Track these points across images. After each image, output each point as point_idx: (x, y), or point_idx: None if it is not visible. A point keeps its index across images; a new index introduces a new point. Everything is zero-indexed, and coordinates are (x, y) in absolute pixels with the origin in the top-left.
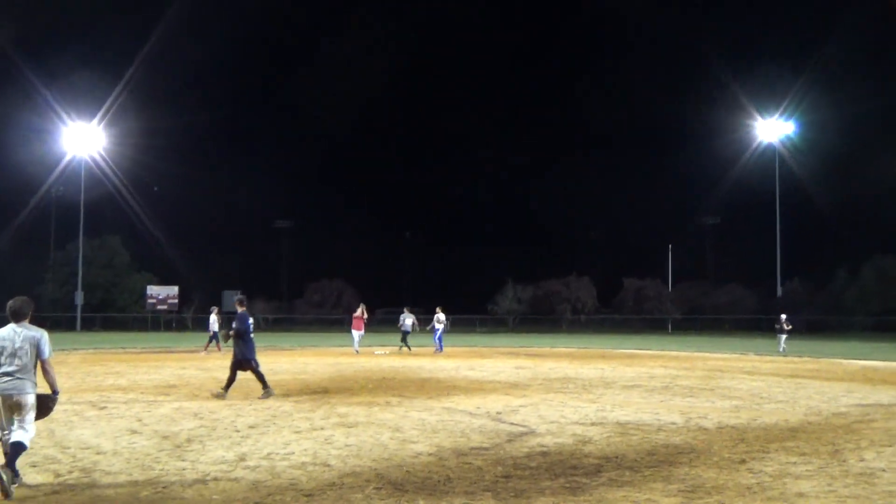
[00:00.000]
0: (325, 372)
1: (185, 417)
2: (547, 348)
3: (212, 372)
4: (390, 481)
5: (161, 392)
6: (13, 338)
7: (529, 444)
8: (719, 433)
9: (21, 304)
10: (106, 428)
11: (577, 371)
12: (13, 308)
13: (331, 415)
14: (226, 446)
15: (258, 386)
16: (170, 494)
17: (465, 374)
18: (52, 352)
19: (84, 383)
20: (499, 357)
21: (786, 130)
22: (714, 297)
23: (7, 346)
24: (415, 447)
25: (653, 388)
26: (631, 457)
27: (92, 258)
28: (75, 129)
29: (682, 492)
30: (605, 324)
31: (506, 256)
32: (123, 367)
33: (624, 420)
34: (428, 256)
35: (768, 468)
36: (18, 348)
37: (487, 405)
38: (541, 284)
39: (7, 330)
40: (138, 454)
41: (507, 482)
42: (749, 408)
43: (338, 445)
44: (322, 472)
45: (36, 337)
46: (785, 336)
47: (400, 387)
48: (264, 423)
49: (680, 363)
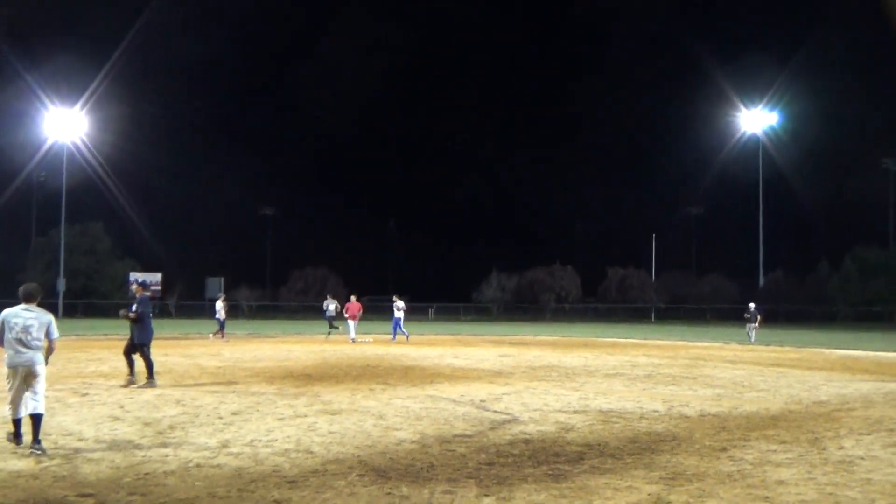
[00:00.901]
0: (309, 359)
1: (167, 404)
2: (531, 336)
3: (196, 359)
4: (373, 468)
5: (144, 378)
6: (25, 316)
7: (512, 431)
8: (701, 421)
9: (33, 288)
10: (88, 415)
11: (560, 359)
12: (27, 291)
13: (314, 402)
14: (209, 433)
15: (243, 374)
16: (152, 481)
17: (450, 361)
18: (59, 335)
19: (66, 370)
20: (483, 345)
21: (770, 121)
22: (697, 286)
23: (20, 322)
24: (398, 434)
25: (635, 377)
26: (613, 444)
27: (74, 245)
28: (57, 115)
29: (664, 479)
30: (589, 313)
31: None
32: (106, 354)
33: (606, 408)
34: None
35: (749, 456)
36: (30, 326)
37: (471, 393)
38: (525, 273)
39: (18, 309)
40: (120, 441)
41: (489, 469)
42: (730, 396)
43: (321, 432)
44: (305, 459)
45: (46, 319)
46: (754, 325)
47: (384, 374)
48: (247, 410)
49: (663, 352)
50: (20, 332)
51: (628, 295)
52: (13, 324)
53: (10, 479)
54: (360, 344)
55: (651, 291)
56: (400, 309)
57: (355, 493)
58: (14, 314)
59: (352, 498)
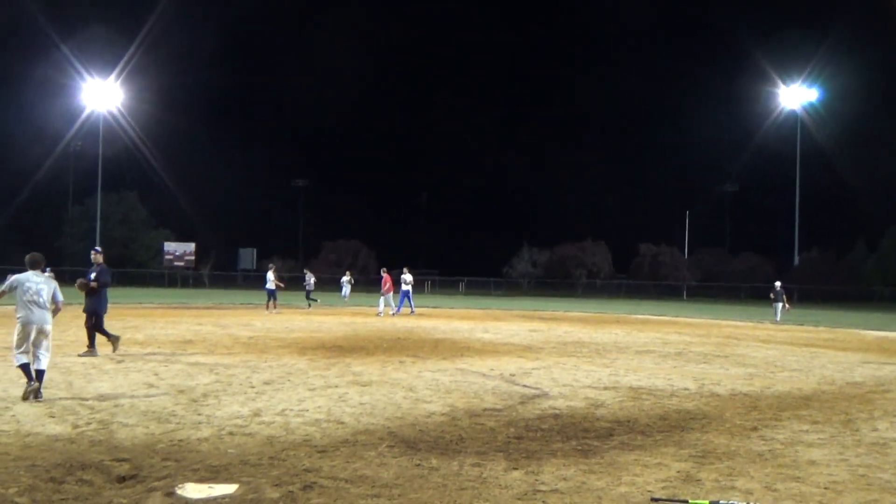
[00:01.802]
0: (340, 331)
1: (201, 372)
2: (561, 312)
3: (228, 329)
4: (403, 440)
5: (178, 347)
6: (36, 280)
7: (542, 406)
8: (732, 400)
9: (39, 257)
10: (123, 381)
11: (590, 335)
12: (33, 259)
13: (345, 373)
14: (241, 401)
15: (274, 344)
16: (186, 447)
17: (479, 336)
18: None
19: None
20: (513, 320)
21: (808, 97)
22: (730, 264)
23: (33, 286)
24: (428, 407)
25: (666, 354)
26: (643, 421)
27: (109, 214)
28: (93, 85)
29: (693, 457)
30: (620, 289)
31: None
32: (141, 322)
33: (636, 385)
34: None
35: (780, 436)
36: (41, 290)
37: (501, 367)
38: (556, 249)
39: (29, 274)
40: (155, 407)
41: (518, 443)
42: (763, 376)
43: (352, 403)
44: (336, 429)
45: (52, 285)
46: (781, 305)
47: (414, 347)
48: (279, 379)
49: (694, 330)
50: (34, 294)
51: (660, 272)
52: (27, 287)
53: (47, 443)
54: (389, 317)
55: (683, 269)
56: (408, 283)
57: (385, 464)
58: (27, 279)
59: (381, 468)
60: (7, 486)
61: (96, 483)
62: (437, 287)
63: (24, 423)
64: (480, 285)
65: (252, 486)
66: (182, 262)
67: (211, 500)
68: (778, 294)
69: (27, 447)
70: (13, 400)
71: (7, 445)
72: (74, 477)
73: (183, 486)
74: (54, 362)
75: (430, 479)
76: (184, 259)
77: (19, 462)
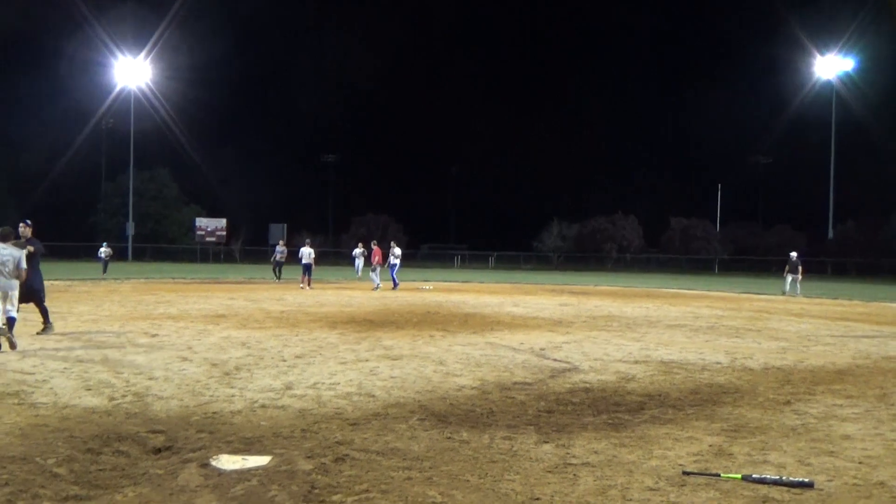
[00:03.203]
0: (370, 305)
1: (233, 346)
2: (591, 286)
3: (260, 303)
4: (434, 413)
5: (210, 321)
6: (3, 252)
7: (572, 380)
8: (765, 374)
9: (7, 231)
10: (157, 355)
11: (621, 309)
12: (3, 233)
13: (376, 347)
14: (273, 375)
15: (305, 319)
16: (220, 420)
17: (509, 310)
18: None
19: (136, 311)
20: (543, 294)
21: (844, 67)
22: (763, 238)
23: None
24: (458, 380)
25: (698, 328)
26: (674, 395)
27: (142, 190)
28: (124, 62)
29: (725, 431)
30: (651, 263)
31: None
32: (173, 297)
33: (668, 359)
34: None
35: (814, 410)
36: (7, 260)
37: (531, 341)
38: (587, 222)
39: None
40: (189, 381)
41: (549, 417)
42: (796, 350)
43: (382, 377)
44: (367, 403)
45: (18, 254)
46: (795, 277)
47: (444, 321)
48: (310, 353)
49: (726, 304)
50: (1, 265)
51: (692, 245)
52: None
53: (84, 415)
54: (420, 291)
55: (715, 242)
56: (396, 256)
57: (416, 437)
58: None
59: (412, 441)
60: (46, 457)
61: (133, 454)
62: (467, 261)
63: (62, 396)
64: (510, 259)
65: (285, 458)
66: (213, 237)
67: (245, 472)
68: (793, 265)
69: (65, 419)
70: (50, 373)
71: (45, 417)
72: (111, 448)
73: (217, 457)
74: (89, 337)
75: (461, 452)
76: (215, 234)
77: (57, 434)
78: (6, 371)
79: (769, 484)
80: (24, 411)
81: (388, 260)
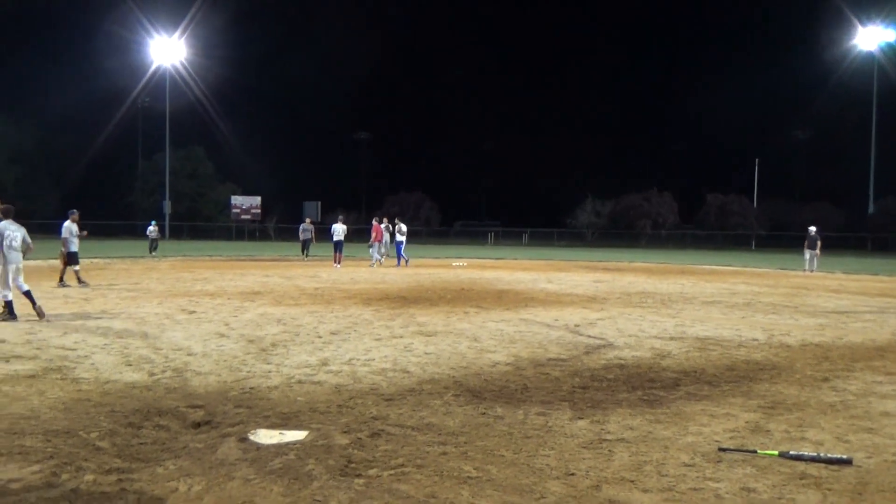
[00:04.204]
0: (405, 282)
1: (269, 323)
2: (626, 263)
3: (294, 280)
4: (468, 389)
5: (246, 298)
6: (12, 228)
7: (607, 356)
8: (802, 351)
9: (8, 207)
10: (195, 331)
11: (656, 286)
12: (7, 210)
13: (410, 323)
14: (309, 351)
15: (340, 296)
16: (257, 395)
17: (543, 286)
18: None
19: (174, 289)
20: (577, 271)
21: (886, 38)
22: (801, 213)
23: (10, 234)
24: (492, 357)
25: (734, 305)
26: (710, 372)
27: (178, 168)
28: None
29: (762, 408)
30: (687, 239)
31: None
32: (210, 274)
33: (703, 335)
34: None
35: (852, 387)
36: (16, 236)
37: (565, 317)
38: (621, 199)
39: (6, 223)
40: (226, 356)
41: (584, 393)
42: (834, 326)
43: (417, 353)
44: (402, 378)
45: (23, 231)
46: (814, 253)
47: (478, 298)
48: (345, 330)
49: (763, 280)
50: (11, 240)
51: (728, 221)
52: (6, 234)
53: (125, 390)
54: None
55: (752, 218)
56: (403, 233)
57: (451, 412)
58: (5, 227)
59: (447, 416)
60: (89, 431)
61: (173, 428)
62: (501, 238)
63: (103, 371)
64: (543, 236)
65: (321, 433)
66: (249, 215)
67: (282, 446)
68: (812, 240)
69: (106, 394)
70: (91, 349)
71: (87, 392)
72: (152, 422)
73: (255, 432)
74: (129, 313)
75: (496, 428)
76: (250, 212)
77: (99, 408)
78: (49, 347)
79: (806, 461)
80: (67, 386)
81: (395, 237)
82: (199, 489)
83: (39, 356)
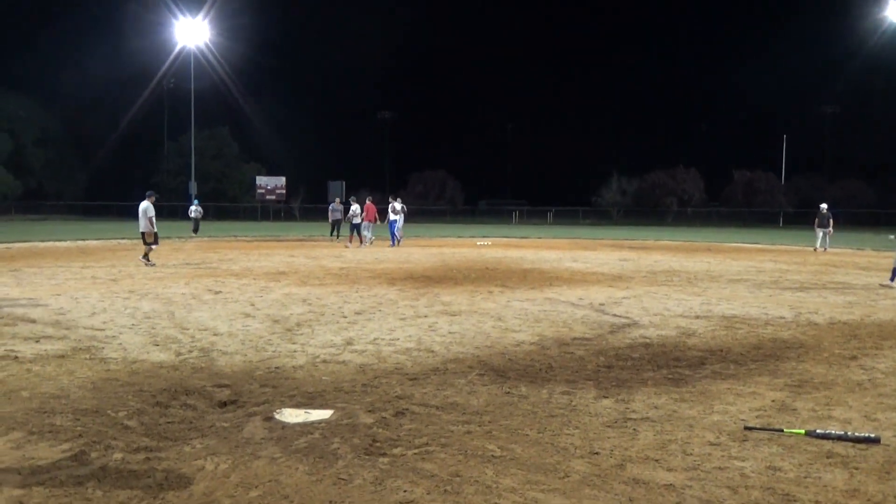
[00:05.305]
0: (429, 262)
1: (294, 303)
2: (651, 241)
3: (319, 260)
4: (492, 368)
5: (272, 278)
6: None
7: (632, 335)
8: (830, 329)
9: None
10: (221, 311)
11: (682, 264)
12: None
13: (434, 303)
14: (333, 331)
15: (364, 275)
16: (282, 374)
17: (568, 265)
18: None
19: (200, 269)
20: (602, 249)
21: None
22: (830, 190)
23: None
24: (517, 336)
25: (761, 283)
26: (736, 350)
27: (203, 149)
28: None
29: (789, 386)
30: (713, 217)
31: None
32: (236, 255)
33: (730, 313)
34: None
35: (881, 365)
36: None
37: (590, 296)
38: (647, 176)
39: None
40: (252, 336)
41: (608, 372)
42: (863, 304)
43: (441, 333)
44: (426, 358)
45: None
46: (826, 231)
47: (502, 277)
48: (370, 309)
49: (791, 257)
50: None
51: (755, 199)
52: None
53: (153, 370)
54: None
55: (780, 195)
56: (396, 212)
57: (475, 392)
58: None
59: (471, 395)
60: (117, 410)
61: (199, 407)
62: (525, 217)
63: (131, 351)
64: (569, 214)
65: (346, 412)
66: (273, 195)
67: (307, 425)
68: (824, 218)
69: (134, 373)
70: (119, 329)
71: (115, 372)
72: (179, 402)
73: (281, 411)
74: (156, 294)
75: (520, 407)
76: (275, 193)
77: (127, 388)
78: (78, 327)
79: (833, 439)
80: (96, 366)
81: (388, 216)
82: (225, 467)
83: (68, 336)
